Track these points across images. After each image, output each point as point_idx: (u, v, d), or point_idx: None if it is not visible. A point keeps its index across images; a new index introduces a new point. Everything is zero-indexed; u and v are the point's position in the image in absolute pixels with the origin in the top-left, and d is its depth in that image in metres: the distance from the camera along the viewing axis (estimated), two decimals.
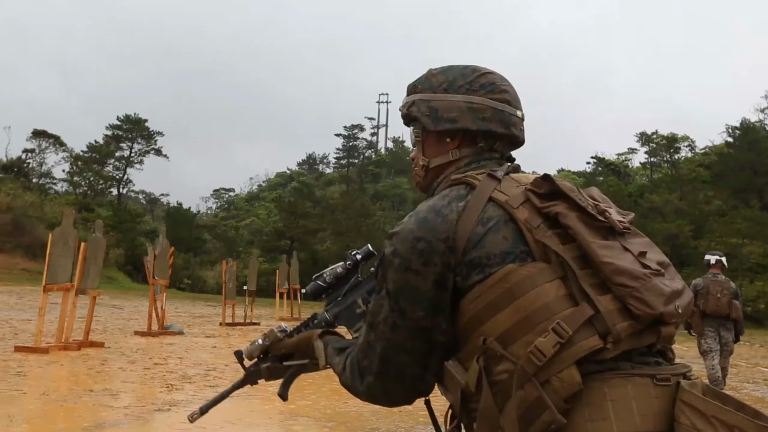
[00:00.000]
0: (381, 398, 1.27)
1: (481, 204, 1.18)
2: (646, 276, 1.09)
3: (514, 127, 1.35)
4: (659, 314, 1.07)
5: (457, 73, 1.35)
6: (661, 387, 1.07)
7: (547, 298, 1.08)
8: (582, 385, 1.04)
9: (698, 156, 47.21)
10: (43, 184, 49.02)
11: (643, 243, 1.20)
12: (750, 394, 8.72)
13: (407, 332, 1.18)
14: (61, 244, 9.43)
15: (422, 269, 1.16)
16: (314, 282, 1.55)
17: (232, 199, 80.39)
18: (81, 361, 8.33)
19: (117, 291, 31.80)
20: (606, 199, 1.26)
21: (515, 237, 1.15)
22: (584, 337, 1.05)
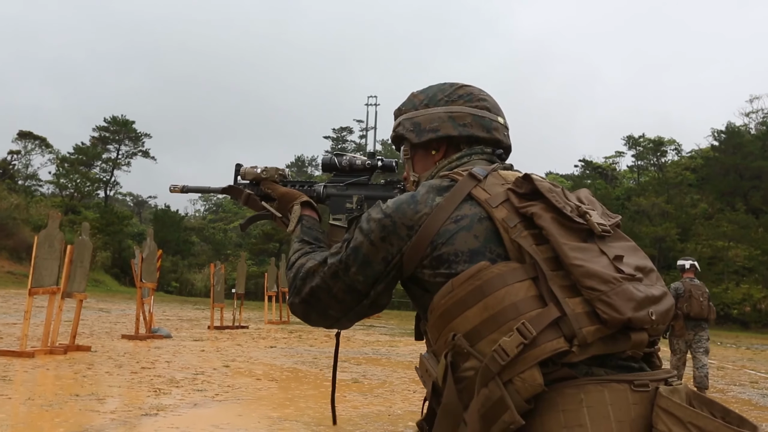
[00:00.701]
0: (300, 317, 1.37)
1: (456, 201, 1.21)
2: (617, 280, 1.07)
3: (496, 132, 1.39)
4: (627, 319, 1.04)
5: (436, 89, 1.44)
6: (639, 393, 1.06)
7: (515, 297, 1.08)
8: (542, 387, 1.04)
9: (684, 159, 47.61)
10: (29, 186, 48.60)
11: (624, 247, 1.18)
12: (737, 397, 8.78)
13: (343, 286, 1.27)
14: (46, 246, 9.34)
15: (378, 243, 1.24)
16: (332, 156, 1.63)
17: (220, 201, 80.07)
18: (67, 365, 8.25)
19: (104, 294, 31.55)
20: (593, 201, 1.25)
21: (488, 236, 1.16)
22: (549, 338, 1.04)
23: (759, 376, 11.60)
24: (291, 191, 1.59)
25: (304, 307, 1.32)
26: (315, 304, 1.31)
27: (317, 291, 1.29)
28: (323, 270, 1.29)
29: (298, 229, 1.48)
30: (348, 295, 1.28)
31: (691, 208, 40.69)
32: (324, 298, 1.29)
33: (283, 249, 44.93)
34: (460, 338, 1.10)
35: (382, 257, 1.24)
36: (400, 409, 6.48)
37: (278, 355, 10.85)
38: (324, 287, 1.29)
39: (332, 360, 1.37)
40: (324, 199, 1.62)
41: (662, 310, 1.11)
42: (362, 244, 1.25)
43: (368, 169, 1.62)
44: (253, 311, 25.76)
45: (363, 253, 1.25)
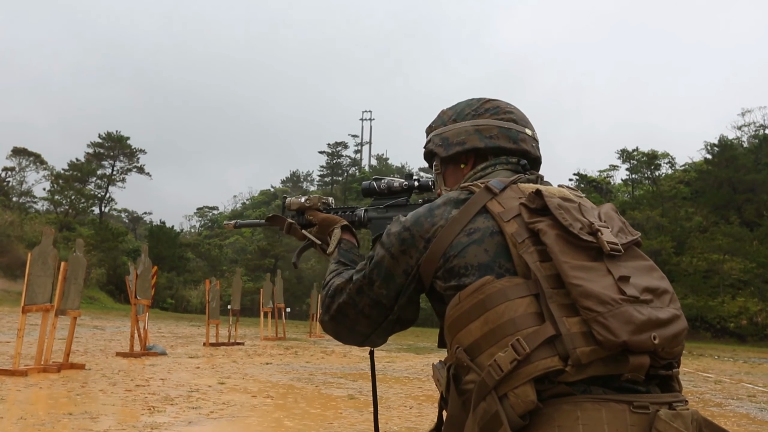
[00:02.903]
0: (331, 334, 1.40)
1: (471, 214, 1.21)
2: (615, 302, 1.04)
3: (523, 143, 1.40)
4: (622, 342, 1.02)
5: (464, 105, 1.47)
6: (637, 415, 1.04)
7: (514, 313, 1.09)
8: (536, 404, 1.04)
9: (678, 173, 47.84)
10: (23, 202, 48.46)
11: (638, 266, 1.15)
12: (735, 411, 8.75)
13: (369, 300, 1.30)
14: (40, 263, 9.28)
15: (399, 256, 1.26)
16: (371, 182, 1.67)
17: (215, 217, 79.95)
18: (61, 383, 8.17)
19: (99, 311, 31.35)
20: (612, 218, 1.23)
21: (499, 250, 1.16)
22: (542, 356, 1.04)
23: (756, 390, 11.56)
24: (331, 217, 1.64)
25: (334, 325, 1.36)
26: (343, 320, 1.35)
27: (344, 307, 1.33)
28: (349, 287, 1.33)
29: (336, 252, 1.52)
30: (374, 310, 1.31)
31: (685, 221, 40.82)
32: (351, 314, 1.33)
33: (278, 264, 44.80)
34: (461, 351, 1.12)
35: (402, 270, 1.26)
36: (396, 426, 6.43)
37: (274, 372, 10.77)
38: (350, 303, 1.32)
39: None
40: (366, 222, 1.66)
41: (669, 334, 1.07)
42: (384, 258, 1.28)
43: (406, 190, 1.65)
44: (249, 327, 25.63)
45: (385, 266, 1.28)
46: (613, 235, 1.16)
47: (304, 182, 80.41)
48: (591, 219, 1.17)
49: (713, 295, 35.33)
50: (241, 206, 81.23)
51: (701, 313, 34.13)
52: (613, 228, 1.19)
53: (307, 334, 23.97)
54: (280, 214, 1.72)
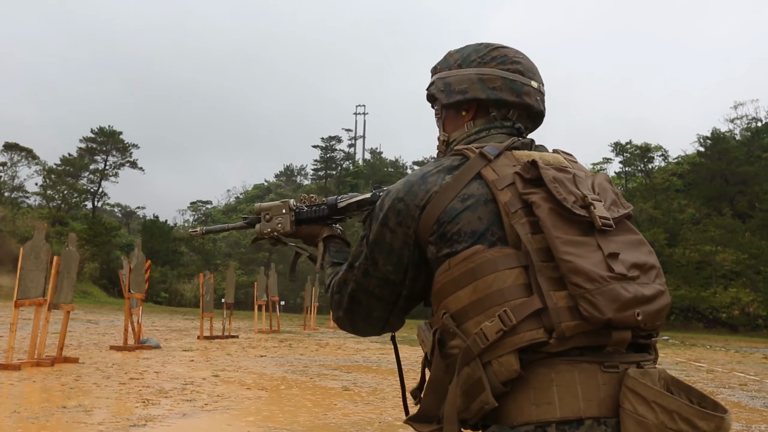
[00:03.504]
0: (349, 330, 1.38)
1: (465, 180, 1.20)
2: (604, 279, 1.06)
3: (527, 96, 1.35)
4: (607, 320, 1.05)
5: (470, 50, 1.41)
6: (608, 374, 1.08)
7: (503, 284, 1.10)
8: (519, 372, 1.07)
9: (671, 165, 47.99)
10: (16, 197, 48.21)
11: (627, 241, 1.16)
12: (726, 399, 8.82)
13: (377, 281, 1.28)
14: (32, 258, 9.25)
15: (397, 228, 1.24)
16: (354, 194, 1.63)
17: (209, 211, 79.74)
18: (54, 377, 8.15)
19: (92, 305, 31.28)
20: (606, 190, 1.22)
21: (492, 219, 1.16)
22: (528, 328, 1.07)
23: (748, 379, 11.66)
24: (310, 230, 1.62)
25: (349, 317, 1.34)
26: (357, 309, 1.33)
27: (355, 294, 1.31)
28: (353, 273, 1.31)
29: (327, 257, 1.52)
30: (385, 289, 1.28)
31: (678, 213, 40.99)
32: (364, 300, 1.31)
33: (273, 258, 44.76)
34: (447, 318, 1.14)
35: (403, 241, 1.24)
36: (390, 417, 6.45)
37: (268, 365, 10.79)
38: (360, 289, 1.30)
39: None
40: (342, 209, 1.60)
41: (652, 309, 1.10)
42: (382, 233, 1.26)
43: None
44: (243, 321, 25.63)
45: (385, 242, 1.26)
46: (605, 209, 1.16)
47: (298, 176, 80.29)
48: (585, 191, 1.17)
49: (706, 286, 35.54)
50: (234, 200, 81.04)
51: (694, 304, 34.34)
52: (606, 200, 1.19)
53: (301, 326, 23.98)
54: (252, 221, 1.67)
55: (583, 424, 1.05)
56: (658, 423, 1.02)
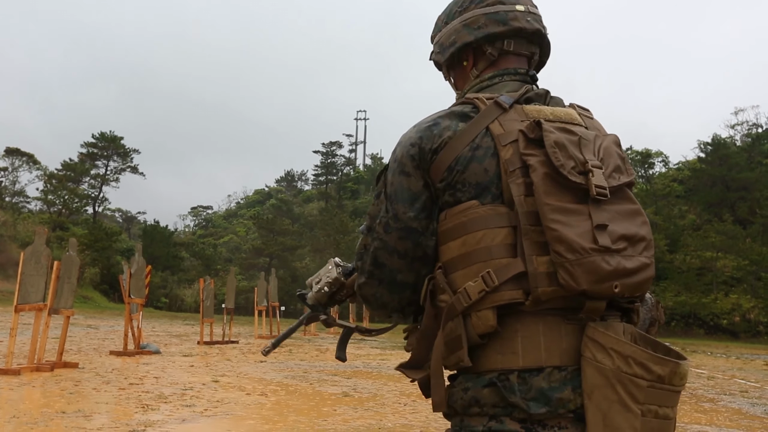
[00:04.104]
0: (372, 301, 1.31)
1: (477, 130, 1.20)
2: (585, 251, 1.07)
3: (514, 21, 1.33)
4: (582, 291, 1.07)
5: (452, 5, 1.42)
6: (571, 325, 1.12)
7: (491, 242, 1.13)
8: (495, 327, 1.12)
9: (672, 171, 48.00)
10: (17, 202, 48.24)
11: (621, 211, 1.15)
12: (727, 406, 8.80)
13: (398, 233, 1.23)
14: (33, 263, 9.25)
15: (414, 172, 1.23)
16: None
17: (209, 216, 79.80)
18: (54, 382, 8.14)
19: (92, 310, 31.25)
20: (611, 155, 1.19)
21: (496, 172, 1.17)
22: (508, 289, 1.11)
23: (749, 386, 11.63)
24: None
25: (374, 285, 1.27)
26: (380, 273, 1.26)
27: (378, 255, 1.25)
28: (374, 234, 1.26)
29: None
30: (407, 242, 1.22)
31: (679, 219, 40.96)
32: (387, 260, 1.24)
33: (273, 263, 44.73)
34: (440, 272, 1.18)
35: (422, 184, 1.23)
36: (390, 422, 6.44)
37: (268, 370, 10.77)
38: (382, 247, 1.25)
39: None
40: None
41: (633, 282, 1.11)
42: (400, 181, 1.24)
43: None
44: (243, 326, 25.60)
45: (405, 188, 1.23)
46: (604, 177, 1.15)
47: (299, 181, 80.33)
48: (588, 156, 1.16)
49: (706, 292, 35.46)
50: (235, 205, 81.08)
51: (694, 310, 34.26)
52: (609, 166, 1.17)
53: (301, 332, 23.95)
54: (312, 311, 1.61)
55: (543, 371, 1.11)
56: (615, 368, 1.07)
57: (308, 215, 59.59)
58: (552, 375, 1.10)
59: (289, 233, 49.20)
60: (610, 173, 1.17)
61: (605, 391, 1.06)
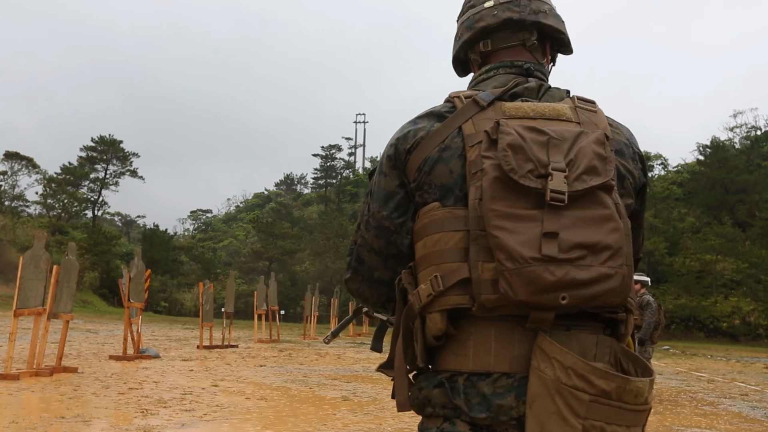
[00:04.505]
0: (356, 296, 1.37)
1: (449, 130, 1.19)
2: (525, 260, 1.03)
3: (479, 22, 1.35)
4: (519, 301, 1.04)
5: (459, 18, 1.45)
6: (526, 333, 1.10)
7: (445, 245, 1.13)
8: (443, 331, 1.12)
9: (671, 174, 48.05)
10: (16, 206, 48.26)
11: (583, 218, 1.07)
12: (727, 409, 8.79)
13: (375, 231, 1.26)
14: (32, 267, 9.24)
15: (390, 172, 1.24)
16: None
17: (209, 220, 79.82)
18: (53, 387, 8.13)
19: (92, 315, 31.22)
20: (586, 154, 1.10)
21: (461, 174, 1.16)
22: (455, 293, 1.10)
23: (749, 389, 11.62)
24: None
25: (357, 280, 1.32)
26: (360, 269, 1.30)
27: (360, 252, 1.29)
28: (359, 231, 1.30)
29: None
30: (381, 240, 1.25)
31: (678, 222, 40.99)
32: (366, 257, 1.28)
33: (272, 267, 44.71)
34: (405, 273, 1.20)
35: (397, 184, 1.23)
36: (390, 427, 6.43)
37: (268, 374, 10.76)
38: (363, 244, 1.28)
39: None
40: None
41: (586, 294, 1.04)
42: (379, 181, 1.26)
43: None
44: (243, 330, 25.58)
45: (381, 187, 1.25)
46: (570, 179, 1.08)
47: (298, 185, 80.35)
48: (553, 158, 1.09)
49: (706, 295, 35.46)
50: (234, 209, 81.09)
51: (694, 313, 34.26)
52: (579, 168, 1.09)
53: (301, 336, 23.93)
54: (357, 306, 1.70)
55: (491, 376, 1.10)
56: (554, 378, 1.04)
57: (308, 219, 59.61)
58: (499, 381, 1.09)
59: (288, 237, 49.18)
60: (579, 175, 1.08)
61: (545, 401, 1.04)
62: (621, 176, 1.21)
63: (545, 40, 1.38)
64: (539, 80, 1.30)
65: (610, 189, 1.11)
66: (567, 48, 1.43)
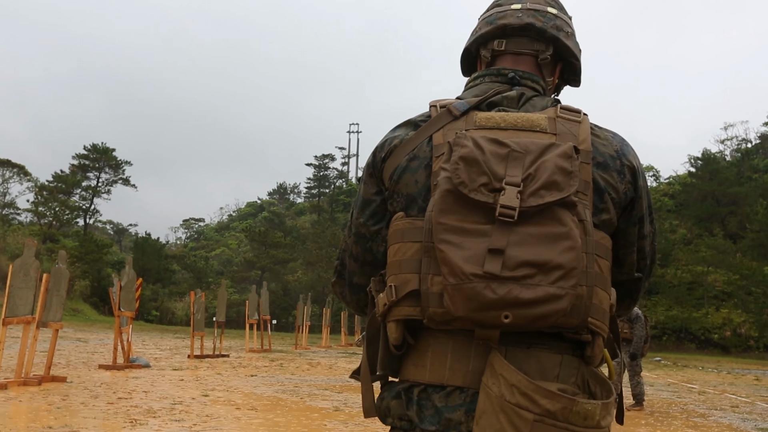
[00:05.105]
0: (341, 299, 1.38)
1: (419, 140, 1.19)
2: (466, 276, 1.00)
3: (501, 20, 1.32)
4: (458, 317, 1.03)
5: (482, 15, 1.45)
6: (481, 347, 1.09)
7: (403, 255, 1.13)
8: (399, 340, 1.13)
9: (663, 185, 48.33)
10: (7, 214, 47.96)
11: (536, 234, 1.03)
12: (718, 421, 8.80)
13: (353, 238, 1.27)
14: (21, 275, 9.18)
15: (368, 179, 1.26)
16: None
17: (201, 229, 79.59)
18: (41, 396, 8.05)
19: (82, 323, 31.01)
20: (547, 168, 1.06)
21: (425, 185, 1.16)
22: (407, 304, 1.11)
23: (740, 401, 11.63)
24: None
25: (341, 283, 1.34)
26: (344, 273, 1.33)
27: (344, 257, 1.32)
28: (344, 237, 1.32)
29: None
30: (358, 246, 1.27)
31: (670, 233, 41.18)
32: (348, 263, 1.30)
33: (264, 276, 44.58)
34: (374, 280, 1.20)
35: (374, 192, 1.24)
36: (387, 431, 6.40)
37: (259, 384, 10.70)
38: (346, 249, 1.31)
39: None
40: None
41: (530, 314, 1.00)
42: (360, 188, 1.28)
43: None
44: (234, 339, 25.45)
45: (361, 195, 1.27)
46: (524, 194, 1.04)
47: (291, 194, 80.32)
48: (510, 172, 1.06)
49: (697, 306, 35.59)
50: (227, 218, 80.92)
51: (686, 325, 34.37)
52: (536, 182, 1.05)
53: (292, 345, 23.83)
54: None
55: (444, 390, 1.10)
56: (499, 395, 1.03)
57: (300, 228, 59.53)
58: (452, 395, 1.09)
59: (281, 246, 49.08)
60: (536, 190, 1.04)
61: (490, 418, 1.02)
62: (600, 190, 1.16)
63: (558, 61, 1.36)
64: (529, 88, 1.27)
65: (571, 205, 1.06)
66: (576, 78, 1.41)
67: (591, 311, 1.07)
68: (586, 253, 1.07)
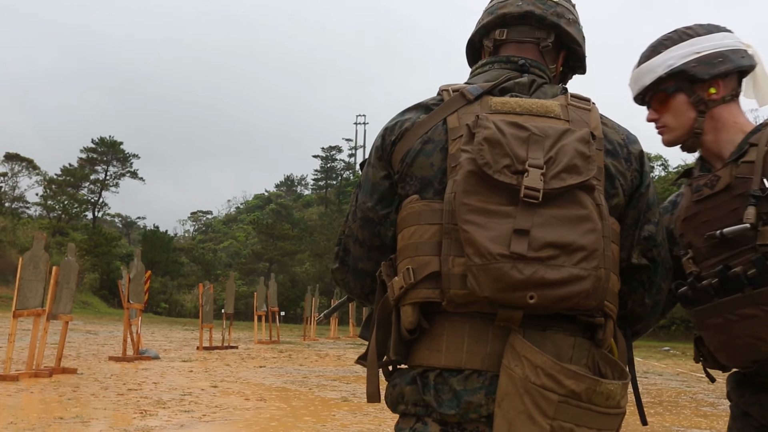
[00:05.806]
0: (342, 286, 1.35)
1: (433, 123, 1.18)
2: (493, 257, 1.01)
3: (501, 9, 1.32)
4: (484, 297, 1.03)
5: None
6: (499, 330, 1.08)
7: (420, 238, 1.12)
8: (414, 324, 1.12)
9: (672, 175, 48.05)
10: (16, 208, 48.29)
11: (558, 216, 1.05)
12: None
13: (359, 222, 1.25)
14: (31, 268, 9.24)
15: (376, 163, 1.23)
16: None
17: (209, 221, 79.87)
18: (52, 388, 8.12)
19: (92, 316, 31.23)
20: (567, 152, 1.08)
21: (441, 167, 1.15)
22: (426, 287, 1.10)
23: None
24: None
25: (344, 271, 1.30)
26: (347, 259, 1.29)
27: (347, 242, 1.29)
28: (346, 222, 1.30)
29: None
30: (365, 230, 1.24)
31: None
32: (352, 248, 1.27)
33: (272, 268, 44.73)
34: (385, 264, 1.19)
35: (383, 175, 1.22)
36: (389, 428, 6.42)
37: (267, 375, 10.75)
38: (349, 234, 1.28)
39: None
40: None
41: (555, 294, 1.02)
42: (367, 172, 1.26)
43: None
44: (243, 331, 25.57)
45: (368, 179, 1.25)
46: (547, 177, 1.06)
47: (299, 186, 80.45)
48: (532, 155, 1.07)
49: None
50: (235, 210, 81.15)
51: None
52: (558, 166, 1.07)
53: (301, 337, 23.93)
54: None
55: (462, 373, 1.09)
56: (523, 376, 1.03)
57: (308, 220, 59.66)
58: (470, 378, 1.09)
59: (288, 238, 49.21)
60: (557, 173, 1.06)
61: (514, 400, 1.03)
62: (611, 176, 1.18)
63: (561, 48, 1.35)
64: (536, 76, 1.27)
65: (590, 189, 1.08)
66: (581, 64, 1.41)
67: (607, 294, 1.08)
68: (604, 237, 1.07)
